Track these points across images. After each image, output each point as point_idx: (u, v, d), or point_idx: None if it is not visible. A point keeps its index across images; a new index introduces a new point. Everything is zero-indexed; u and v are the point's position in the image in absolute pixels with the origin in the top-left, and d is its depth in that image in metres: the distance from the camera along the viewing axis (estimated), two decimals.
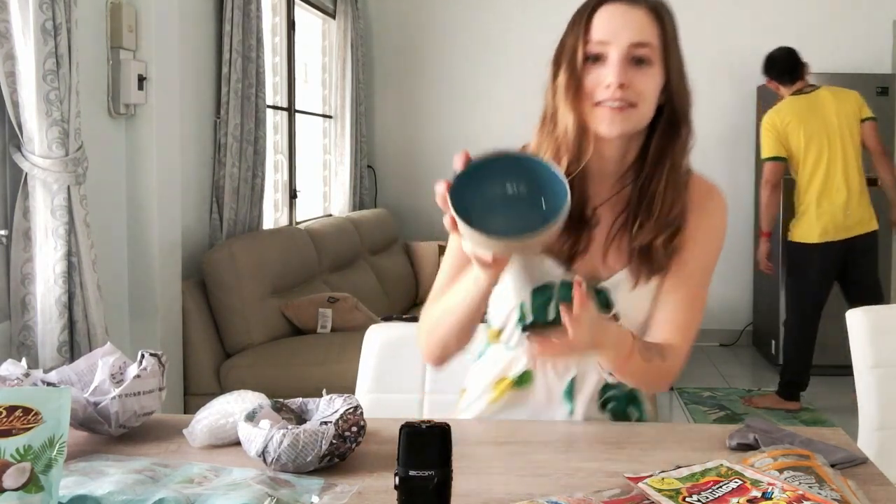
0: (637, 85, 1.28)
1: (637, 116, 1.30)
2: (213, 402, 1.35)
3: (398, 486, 0.98)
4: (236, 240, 3.46)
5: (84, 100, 2.48)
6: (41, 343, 2.34)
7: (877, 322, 1.74)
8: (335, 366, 3.14)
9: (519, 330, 1.40)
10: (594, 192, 1.37)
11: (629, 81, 1.27)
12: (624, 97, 1.27)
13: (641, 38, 1.28)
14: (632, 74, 1.28)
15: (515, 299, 1.39)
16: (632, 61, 1.28)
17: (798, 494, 1.02)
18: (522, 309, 1.38)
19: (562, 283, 1.35)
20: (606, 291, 1.35)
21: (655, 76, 1.30)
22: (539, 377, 1.41)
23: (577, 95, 1.30)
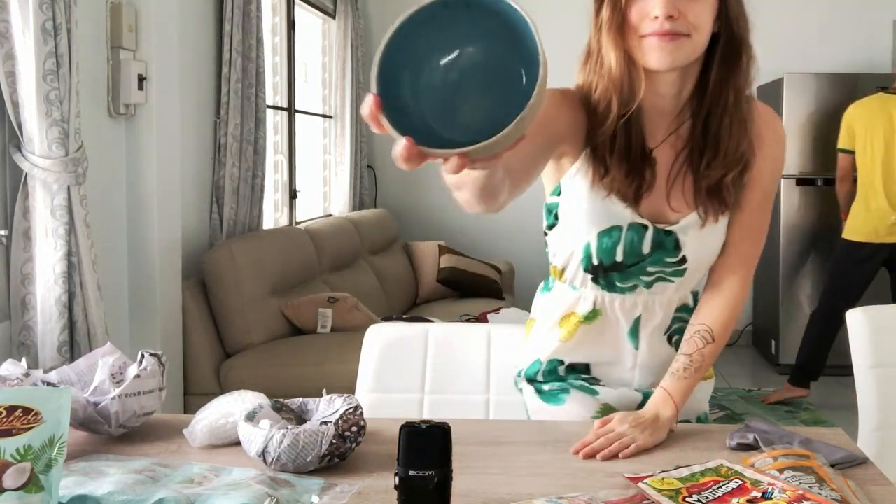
0: (688, 14, 1.20)
1: (690, 47, 1.22)
2: (213, 402, 1.35)
3: (398, 486, 0.98)
4: (236, 240, 3.46)
5: (84, 100, 2.48)
6: (41, 343, 2.34)
7: (877, 322, 1.74)
8: (335, 366, 3.14)
9: (583, 270, 1.37)
10: (650, 130, 1.31)
11: (679, 11, 1.19)
12: (674, 29, 1.19)
13: None
14: (682, 3, 1.19)
15: (579, 241, 1.34)
16: None
17: (798, 494, 1.02)
18: (587, 251, 1.34)
19: (629, 226, 1.31)
20: (675, 234, 1.33)
21: (709, 4, 1.22)
22: (606, 314, 1.40)
23: (622, 30, 1.23)
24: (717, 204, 1.31)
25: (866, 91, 4.91)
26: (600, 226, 1.32)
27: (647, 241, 1.33)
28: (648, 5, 1.21)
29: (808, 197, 5.00)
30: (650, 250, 1.33)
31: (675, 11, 1.19)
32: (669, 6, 1.18)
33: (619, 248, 1.33)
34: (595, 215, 1.32)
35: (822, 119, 4.97)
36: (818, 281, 5.01)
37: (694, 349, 1.38)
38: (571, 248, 1.37)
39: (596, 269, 1.35)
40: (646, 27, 1.21)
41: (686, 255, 1.34)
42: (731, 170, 1.29)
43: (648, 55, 1.22)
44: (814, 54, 5.44)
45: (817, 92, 4.96)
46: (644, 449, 1.27)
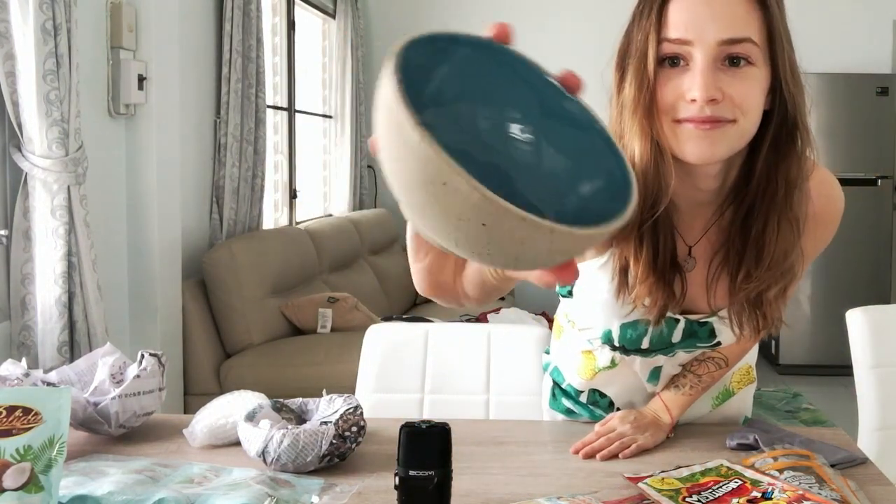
0: (734, 95, 0.97)
1: (736, 134, 0.99)
2: (213, 402, 1.35)
3: (398, 486, 0.98)
4: (236, 240, 3.46)
5: (84, 100, 2.48)
6: (41, 343, 2.34)
7: (877, 322, 1.74)
8: (335, 366, 3.14)
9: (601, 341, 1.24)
10: (686, 228, 1.12)
11: (723, 93, 0.96)
12: (716, 115, 0.96)
13: (736, 33, 0.96)
14: (726, 81, 0.96)
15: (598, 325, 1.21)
16: (724, 62, 0.97)
17: (798, 494, 1.02)
18: (608, 336, 1.21)
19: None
20: (711, 323, 1.18)
21: (758, 79, 0.98)
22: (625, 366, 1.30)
23: (650, 114, 0.99)
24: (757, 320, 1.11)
25: (866, 91, 4.93)
26: (623, 318, 1.15)
27: (678, 332, 1.18)
28: (685, 84, 0.97)
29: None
30: (681, 339, 1.19)
31: (719, 94, 0.96)
32: (711, 88, 0.95)
33: (645, 339, 1.18)
34: (618, 308, 1.13)
35: (822, 119, 4.97)
36: (818, 281, 5.01)
37: (704, 371, 1.30)
38: (589, 324, 1.23)
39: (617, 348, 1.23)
40: (681, 111, 0.98)
41: (721, 340, 1.20)
42: (775, 283, 1.07)
43: (685, 146, 0.99)
44: (814, 54, 5.42)
45: (817, 92, 4.96)
46: (644, 449, 1.27)
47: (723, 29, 0.95)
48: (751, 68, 0.98)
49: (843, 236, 5.19)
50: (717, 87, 0.96)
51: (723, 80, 0.96)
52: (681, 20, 0.97)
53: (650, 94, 0.99)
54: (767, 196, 1.03)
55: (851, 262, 4.98)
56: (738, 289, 1.08)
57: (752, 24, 0.97)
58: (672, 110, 0.99)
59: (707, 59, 0.96)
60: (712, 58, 0.96)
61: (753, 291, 1.08)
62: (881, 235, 4.99)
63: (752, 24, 0.97)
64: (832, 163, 4.96)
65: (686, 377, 1.32)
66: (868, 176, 4.96)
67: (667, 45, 0.98)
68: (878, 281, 4.99)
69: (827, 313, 4.93)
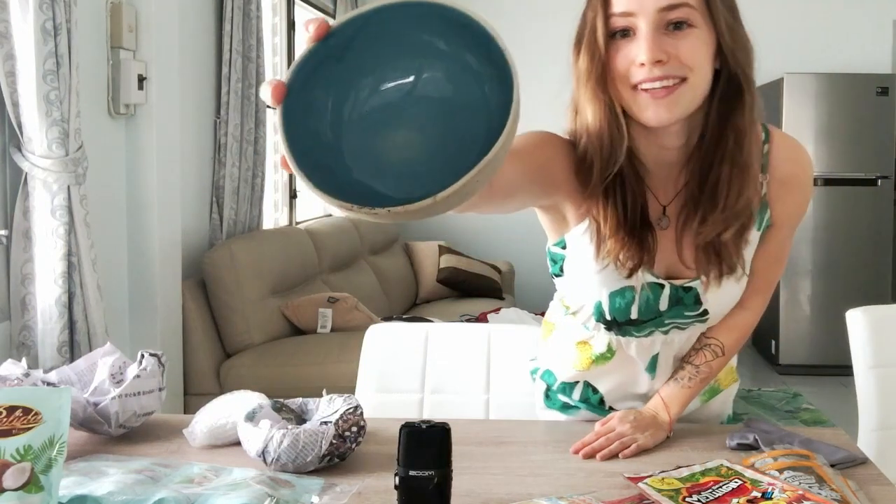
0: (679, 54, 1.06)
1: (689, 93, 1.08)
2: (213, 402, 1.35)
3: (398, 486, 0.98)
4: (236, 240, 3.46)
5: (84, 100, 2.48)
6: (41, 343, 2.34)
7: (877, 322, 1.74)
8: (335, 366, 3.14)
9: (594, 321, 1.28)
10: (658, 188, 1.19)
11: (668, 53, 1.06)
12: (666, 74, 1.06)
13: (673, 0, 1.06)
14: (670, 43, 1.06)
15: (590, 298, 1.25)
16: (668, 28, 1.07)
17: (798, 494, 1.02)
18: (598, 308, 1.25)
19: (644, 286, 1.21)
20: (695, 289, 1.22)
21: (702, 38, 1.08)
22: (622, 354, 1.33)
23: (602, 81, 1.09)
24: (718, 264, 1.18)
25: (866, 91, 4.92)
26: (611, 287, 1.21)
27: (664, 299, 1.23)
28: (633, 51, 1.07)
29: None
30: (668, 306, 1.24)
31: (664, 55, 1.06)
32: (655, 50, 1.05)
33: (633, 307, 1.22)
34: (605, 276, 1.20)
35: (822, 119, 4.97)
36: (818, 281, 5.01)
37: (702, 361, 1.33)
38: (582, 302, 1.28)
39: (609, 322, 1.27)
40: (634, 75, 1.08)
41: (707, 308, 1.25)
42: (730, 225, 1.14)
43: (645, 113, 1.09)
44: (814, 54, 5.44)
45: (817, 92, 4.96)
46: (644, 449, 1.27)
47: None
48: (692, 29, 1.07)
49: (843, 236, 5.22)
50: (662, 49, 1.05)
51: (668, 42, 1.06)
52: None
53: (601, 65, 1.09)
54: (721, 145, 1.12)
55: (851, 262, 4.98)
56: (697, 233, 1.16)
57: None
58: (627, 77, 1.09)
59: (650, 26, 1.06)
60: (655, 24, 1.06)
61: (711, 234, 1.15)
62: (881, 235, 4.99)
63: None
64: (832, 163, 4.97)
65: (684, 369, 1.33)
66: (868, 176, 4.96)
67: (615, 20, 1.08)
68: (878, 281, 4.99)
69: (827, 313, 4.93)
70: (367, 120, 0.69)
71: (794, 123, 4.96)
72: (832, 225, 4.99)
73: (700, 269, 1.19)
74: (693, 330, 1.31)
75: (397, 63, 0.68)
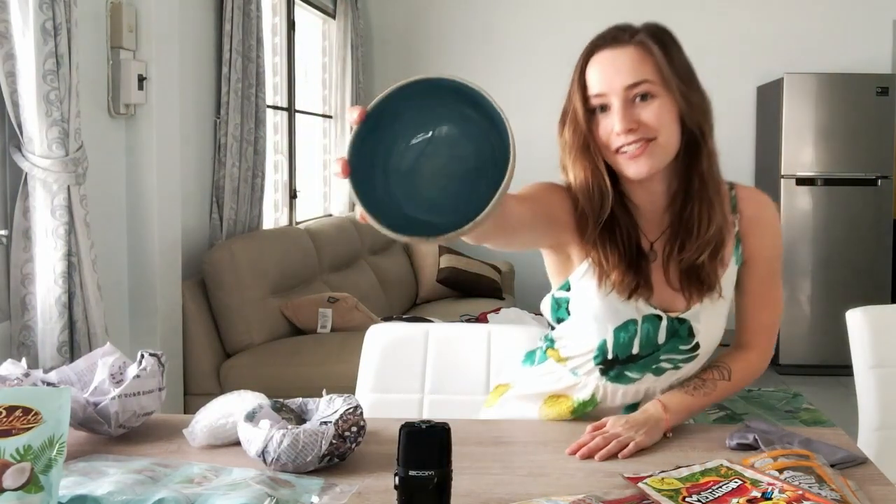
0: (647, 120, 1.28)
1: (661, 149, 1.30)
2: (213, 402, 1.35)
3: (398, 486, 0.98)
4: (236, 240, 3.46)
5: (84, 100, 2.48)
6: (41, 343, 2.34)
7: (877, 322, 1.74)
8: (335, 366, 3.14)
9: (593, 364, 1.40)
10: (648, 227, 1.39)
11: (637, 122, 1.28)
12: (638, 137, 1.28)
13: (635, 79, 1.29)
14: (638, 112, 1.29)
15: (595, 338, 1.38)
16: (634, 100, 1.29)
17: (798, 494, 1.02)
18: (602, 347, 1.38)
19: (644, 318, 1.36)
20: (688, 321, 1.38)
21: (664, 105, 1.29)
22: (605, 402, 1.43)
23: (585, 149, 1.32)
24: (699, 285, 1.36)
25: (866, 91, 4.92)
26: (616, 322, 1.36)
27: (661, 331, 1.37)
28: (610, 124, 1.29)
29: (808, 197, 5.00)
30: (665, 339, 1.37)
31: (634, 123, 1.28)
32: (626, 120, 1.27)
33: (635, 340, 1.36)
34: (610, 312, 1.36)
35: (822, 119, 4.97)
36: (818, 281, 5.01)
37: (709, 377, 1.42)
38: (585, 345, 1.40)
39: (610, 362, 1.38)
40: (614, 142, 1.30)
41: (699, 341, 1.38)
42: (705, 250, 1.34)
43: (626, 169, 1.31)
44: (814, 54, 5.44)
45: (817, 92, 4.97)
46: (642, 448, 1.27)
47: (625, 78, 1.29)
48: (655, 99, 1.29)
49: (843, 236, 5.22)
50: (632, 119, 1.28)
51: (636, 112, 1.29)
52: (596, 80, 1.31)
53: (583, 136, 1.32)
54: (690, 187, 1.35)
55: (851, 262, 4.98)
56: (679, 260, 1.35)
57: (647, 67, 1.29)
58: (609, 144, 1.31)
59: (620, 102, 1.29)
60: (624, 100, 1.29)
61: (691, 259, 1.35)
62: (881, 235, 4.99)
63: (646, 67, 1.29)
64: (832, 163, 4.97)
65: (690, 380, 1.41)
66: (868, 176, 4.96)
67: (592, 99, 1.31)
68: (878, 281, 4.99)
69: (827, 313, 4.93)
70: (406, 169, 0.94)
71: (794, 123, 4.96)
72: (832, 225, 4.99)
73: (684, 290, 1.36)
74: (685, 370, 1.41)
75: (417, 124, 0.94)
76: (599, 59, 1.31)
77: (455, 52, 5.68)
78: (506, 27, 5.64)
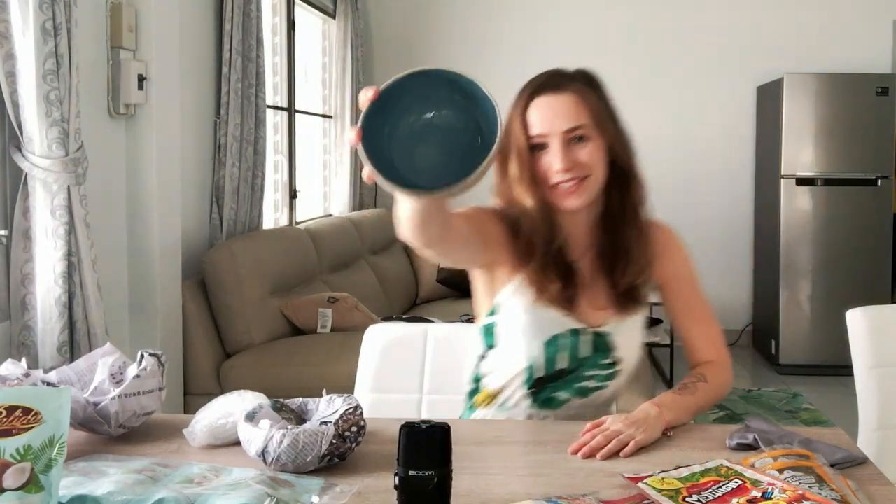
0: (582, 160, 1.42)
1: (591, 185, 1.44)
2: (213, 402, 1.36)
3: (398, 486, 0.98)
4: (236, 240, 3.46)
5: (84, 100, 2.48)
6: (41, 343, 2.34)
7: (877, 322, 1.74)
8: (335, 366, 3.14)
9: (524, 389, 1.47)
10: (572, 245, 1.51)
11: (573, 161, 1.41)
12: (573, 176, 1.41)
13: (573, 123, 1.42)
14: (574, 153, 1.42)
15: (523, 357, 1.46)
16: (572, 141, 1.42)
17: (798, 494, 1.02)
18: (532, 368, 1.46)
19: (569, 332, 1.46)
20: (607, 335, 1.48)
21: (597, 146, 1.44)
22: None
23: (532, 181, 1.44)
24: (634, 303, 1.50)
25: (866, 91, 4.92)
26: (544, 336, 1.46)
27: (584, 345, 1.47)
28: (549, 162, 1.42)
29: (808, 197, 5.00)
30: (588, 353, 1.47)
31: (570, 163, 1.41)
32: (564, 161, 1.41)
33: (560, 355, 1.46)
34: (537, 327, 1.47)
35: (822, 119, 4.97)
36: (818, 281, 5.01)
37: (688, 380, 1.49)
38: (515, 368, 1.48)
39: (539, 381, 1.47)
40: (553, 178, 1.43)
41: (620, 355, 1.49)
42: (642, 273, 1.49)
43: (561, 201, 1.44)
44: (814, 54, 5.44)
45: (817, 92, 4.96)
46: (642, 446, 1.27)
47: (563, 122, 1.42)
48: (589, 141, 1.43)
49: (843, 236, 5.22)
50: (569, 159, 1.41)
51: (572, 153, 1.42)
52: (537, 121, 1.43)
53: (529, 170, 1.43)
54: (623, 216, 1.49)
55: (851, 262, 4.98)
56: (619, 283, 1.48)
57: (582, 113, 1.43)
58: (547, 179, 1.44)
59: (558, 143, 1.42)
60: (562, 141, 1.42)
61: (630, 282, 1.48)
62: (881, 235, 4.99)
63: (581, 113, 1.43)
64: (832, 163, 4.97)
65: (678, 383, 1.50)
66: (868, 176, 4.96)
67: (534, 139, 1.43)
68: (878, 281, 4.98)
69: (827, 313, 4.93)
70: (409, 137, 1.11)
71: (794, 123, 4.96)
72: (832, 225, 4.99)
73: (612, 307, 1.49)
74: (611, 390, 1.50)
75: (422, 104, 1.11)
76: (540, 104, 1.43)
77: (455, 51, 5.68)
78: (505, 27, 5.64)
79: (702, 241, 5.68)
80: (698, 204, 5.63)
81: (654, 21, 5.47)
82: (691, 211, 5.66)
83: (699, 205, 5.63)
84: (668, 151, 5.61)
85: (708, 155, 5.64)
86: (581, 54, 6.10)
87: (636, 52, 5.47)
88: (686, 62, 5.49)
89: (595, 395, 1.49)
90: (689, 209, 5.66)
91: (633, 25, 5.48)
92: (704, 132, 5.62)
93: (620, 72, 5.67)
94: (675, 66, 5.50)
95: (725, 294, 5.67)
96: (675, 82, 5.52)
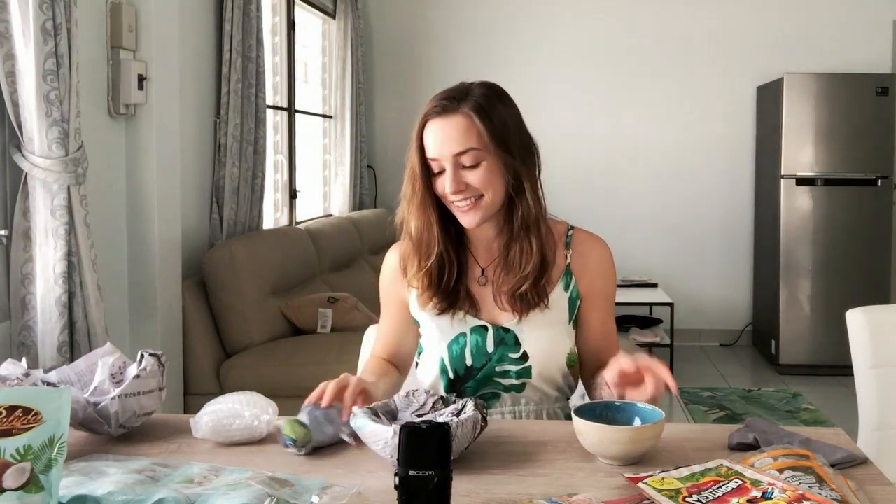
0: (474, 182, 1.45)
1: (487, 203, 1.48)
2: (225, 398, 1.35)
3: (398, 486, 0.98)
4: (236, 240, 3.46)
5: (84, 100, 2.48)
6: (41, 343, 2.34)
7: (877, 322, 1.74)
8: (335, 366, 3.11)
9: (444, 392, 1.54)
10: (481, 255, 1.58)
11: (465, 184, 1.45)
12: (466, 196, 1.46)
13: (463, 147, 1.44)
14: (466, 175, 1.45)
15: (436, 358, 1.56)
16: (464, 165, 1.45)
17: (798, 494, 1.02)
18: (442, 364, 1.55)
19: (472, 330, 1.54)
20: (513, 331, 1.54)
21: (490, 167, 1.46)
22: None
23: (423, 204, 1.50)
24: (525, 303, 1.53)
25: (866, 91, 4.92)
26: (447, 337, 1.55)
27: (489, 340, 1.54)
28: (443, 184, 1.47)
29: (808, 197, 5.00)
30: (494, 347, 1.54)
31: (462, 185, 1.45)
32: (455, 184, 1.45)
33: (466, 351, 1.54)
34: (440, 330, 1.56)
35: (822, 119, 4.97)
36: (818, 281, 5.01)
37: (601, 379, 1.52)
38: (433, 369, 1.57)
39: (453, 382, 1.55)
40: (449, 197, 1.48)
41: (526, 350, 1.53)
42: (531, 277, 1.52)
43: (460, 219, 1.50)
44: (814, 54, 5.44)
45: (817, 92, 4.96)
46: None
47: (454, 146, 1.45)
48: (482, 163, 1.46)
49: (843, 236, 5.22)
50: (461, 182, 1.45)
51: (465, 175, 1.46)
52: (430, 144, 1.47)
53: (421, 192, 1.49)
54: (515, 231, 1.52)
55: (851, 262, 4.98)
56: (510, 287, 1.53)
57: (472, 135, 1.45)
58: (445, 198, 1.49)
59: (450, 166, 1.45)
60: (454, 164, 1.45)
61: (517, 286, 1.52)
62: (881, 235, 4.99)
63: (472, 136, 1.45)
64: (832, 163, 4.97)
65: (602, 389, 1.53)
66: (868, 176, 4.96)
67: (430, 160, 1.47)
68: (878, 281, 4.99)
69: (827, 313, 4.93)
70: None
71: (794, 123, 4.96)
72: (832, 225, 4.99)
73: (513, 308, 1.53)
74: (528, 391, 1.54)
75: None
76: (433, 128, 1.46)
77: (455, 52, 5.68)
78: (505, 27, 5.63)
79: (702, 241, 5.71)
80: (698, 204, 5.64)
81: (655, 21, 5.47)
82: (691, 211, 5.67)
83: (699, 204, 5.64)
84: (668, 151, 5.62)
85: (708, 155, 5.64)
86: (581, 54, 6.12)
87: (636, 52, 5.46)
88: (686, 62, 5.49)
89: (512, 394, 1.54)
90: (689, 209, 5.66)
91: (633, 26, 5.48)
92: (704, 132, 5.62)
93: (620, 72, 5.68)
94: (676, 65, 5.50)
95: (725, 294, 5.67)
96: (676, 82, 5.52)
